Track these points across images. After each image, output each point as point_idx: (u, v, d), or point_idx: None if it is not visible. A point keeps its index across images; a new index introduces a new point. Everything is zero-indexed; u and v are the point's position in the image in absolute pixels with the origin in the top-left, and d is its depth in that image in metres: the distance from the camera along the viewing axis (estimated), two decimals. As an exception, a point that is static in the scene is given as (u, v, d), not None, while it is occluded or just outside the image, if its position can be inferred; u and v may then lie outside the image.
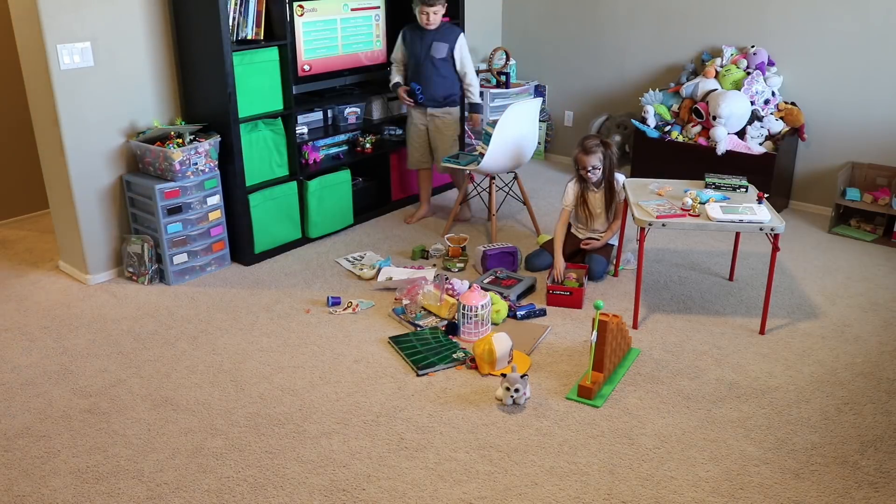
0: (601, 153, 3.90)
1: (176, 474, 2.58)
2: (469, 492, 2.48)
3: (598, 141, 3.93)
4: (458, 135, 4.76)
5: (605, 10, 5.62)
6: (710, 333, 3.47)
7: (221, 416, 2.88)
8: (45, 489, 2.51)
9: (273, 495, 2.47)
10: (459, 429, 2.80)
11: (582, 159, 3.92)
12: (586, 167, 3.91)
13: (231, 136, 3.97)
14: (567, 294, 3.70)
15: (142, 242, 3.93)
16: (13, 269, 4.21)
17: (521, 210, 5.02)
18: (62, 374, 3.18)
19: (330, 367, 3.21)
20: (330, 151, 4.77)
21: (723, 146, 4.70)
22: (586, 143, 3.92)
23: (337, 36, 4.55)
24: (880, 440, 2.73)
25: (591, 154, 3.89)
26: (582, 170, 3.94)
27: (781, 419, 2.84)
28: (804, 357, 3.28)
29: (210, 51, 3.86)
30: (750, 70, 4.87)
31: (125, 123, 3.93)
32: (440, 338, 3.40)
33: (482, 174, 4.57)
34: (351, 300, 3.76)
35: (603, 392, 2.99)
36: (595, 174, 3.93)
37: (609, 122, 5.55)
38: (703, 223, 3.32)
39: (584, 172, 3.94)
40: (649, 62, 5.50)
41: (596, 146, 3.90)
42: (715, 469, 2.58)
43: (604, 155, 3.91)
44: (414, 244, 4.47)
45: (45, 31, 3.54)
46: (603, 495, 2.46)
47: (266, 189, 4.19)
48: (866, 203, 4.53)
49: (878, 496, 2.46)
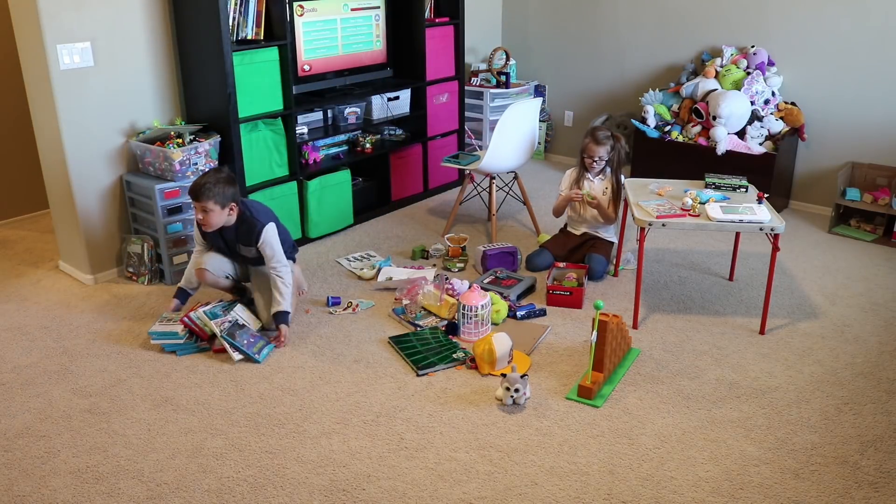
0: (610, 146, 3.96)
1: (176, 474, 2.58)
2: (469, 492, 2.48)
3: (610, 133, 3.99)
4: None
5: (605, 10, 5.62)
6: (710, 333, 3.47)
7: (221, 416, 2.88)
8: (45, 489, 2.51)
9: (273, 495, 2.47)
10: (459, 429, 2.80)
11: (591, 148, 3.97)
12: (593, 156, 3.97)
13: (231, 136, 3.97)
14: (567, 294, 3.70)
15: (142, 242, 3.93)
16: (13, 269, 4.21)
17: (521, 210, 5.02)
18: (62, 374, 3.18)
19: (330, 367, 3.21)
20: (330, 151, 4.77)
21: (723, 146, 4.70)
22: (598, 133, 3.98)
23: (337, 36, 4.55)
24: (880, 440, 2.73)
25: (600, 145, 3.95)
26: (587, 158, 3.99)
27: (781, 419, 2.84)
28: (804, 357, 3.28)
29: (210, 51, 3.86)
30: (750, 70, 4.87)
31: (125, 123, 3.93)
32: (440, 338, 3.40)
33: (482, 174, 4.57)
34: (351, 300, 3.76)
35: (603, 392, 2.99)
36: (599, 164, 3.98)
37: (609, 122, 5.55)
38: (703, 223, 3.32)
39: (588, 161, 3.99)
40: (649, 62, 5.50)
41: (607, 138, 3.96)
42: (715, 469, 2.58)
43: (612, 148, 3.97)
44: (414, 244, 4.47)
45: (45, 31, 3.54)
46: (603, 495, 2.46)
47: (266, 189, 4.19)
48: (866, 203, 4.53)
49: (878, 496, 2.46)
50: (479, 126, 5.92)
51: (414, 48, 5.01)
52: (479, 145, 5.87)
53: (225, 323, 3.28)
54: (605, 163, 4.00)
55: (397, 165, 5.01)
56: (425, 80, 5.05)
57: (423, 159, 5.18)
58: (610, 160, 4.01)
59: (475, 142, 5.91)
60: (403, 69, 5.10)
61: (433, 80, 5.11)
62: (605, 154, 3.96)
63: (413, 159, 5.12)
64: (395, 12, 4.95)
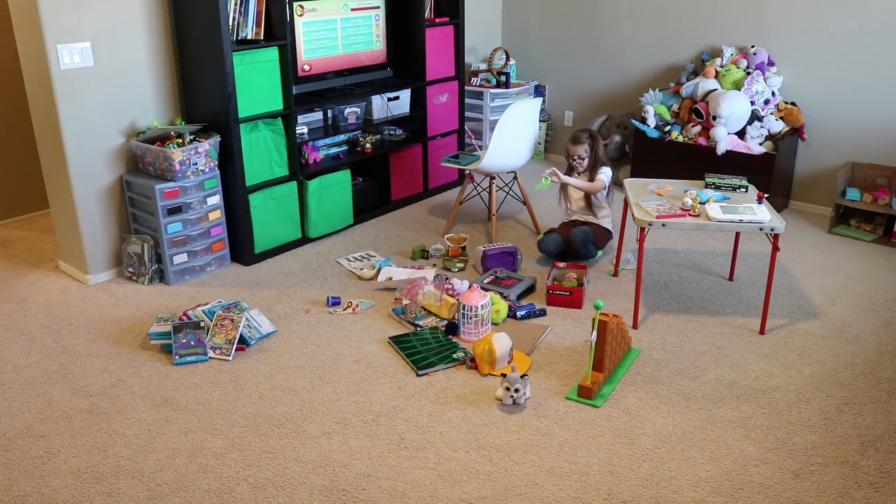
0: (588, 145, 4.14)
1: (176, 474, 2.58)
2: (469, 492, 2.48)
3: (588, 133, 4.18)
4: None
5: (605, 10, 5.62)
6: (710, 333, 3.47)
7: (221, 416, 2.88)
8: (45, 489, 2.51)
9: (273, 495, 2.47)
10: (459, 429, 2.80)
11: (569, 148, 4.20)
12: (573, 155, 4.17)
13: (231, 136, 3.97)
14: (567, 294, 3.70)
15: (142, 242, 3.93)
16: (13, 269, 4.21)
17: (521, 210, 5.02)
18: (62, 374, 3.18)
19: (330, 367, 3.21)
20: (330, 151, 4.77)
21: (723, 146, 4.70)
22: (575, 133, 4.22)
23: (337, 36, 4.55)
24: (880, 440, 2.73)
25: (577, 144, 4.15)
26: (568, 158, 4.21)
27: (781, 419, 2.84)
28: (804, 357, 3.28)
29: (210, 51, 3.86)
30: (750, 70, 4.87)
31: (125, 123, 3.93)
32: (440, 338, 3.40)
33: (482, 174, 4.57)
34: (351, 300, 3.76)
35: (603, 392, 2.99)
36: (581, 164, 4.16)
37: (609, 122, 5.55)
38: (703, 223, 3.32)
39: (570, 161, 4.20)
40: (649, 62, 5.50)
41: (585, 138, 4.15)
42: (715, 469, 2.58)
43: (590, 147, 4.14)
44: (414, 244, 4.47)
45: (45, 31, 3.54)
46: (603, 495, 2.46)
47: (266, 189, 4.19)
48: (866, 203, 4.53)
49: (878, 496, 2.46)
50: (479, 126, 5.92)
51: (414, 48, 5.01)
52: (479, 145, 5.87)
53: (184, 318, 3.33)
54: (586, 161, 4.16)
55: (397, 165, 5.01)
56: (425, 80, 5.05)
57: (423, 159, 5.19)
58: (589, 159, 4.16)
59: (475, 142, 5.91)
60: (403, 69, 5.10)
61: (433, 80, 5.11)
62: (583, 153, 4.13)
63: (413, 159, 5.12)
64: (395, 12, 4.95)
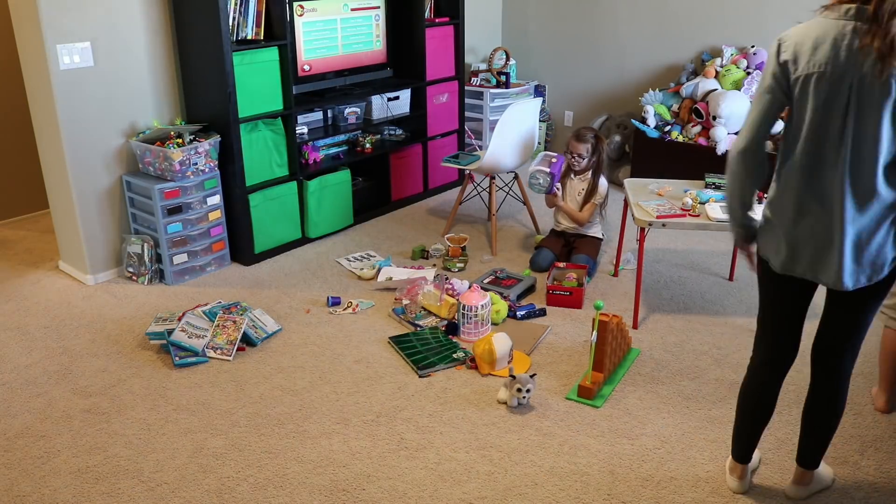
0: (591, 145, 4.06)
1: (176, 474, 2.58)
2: (469, 492, 2.48)
3: (594, 134, 4.10)
4: None
5: (605, 10, 5.62)
6: (710, 333, 3.47)
7: (221, 416, 2.88)
8: (45, 489, 2.51)
9: (273, 495, 2.47)
10: (459, 429, 2.80)
11: (571, 144, 4.10)
12: (573, 152, 4.08)
13: (231, 136, 3.97)
14: (567, 294, 3.70)
15: (142, 242, 3.93)
16: (13, 269, 4.21)
17: (521, 210, 5.02)
18: (62, 374, 3.18)
19: (330, 367, 3.21)
20: (330, 151, 4.77)
21: (723, 146, 4.70)
22: (581, 130, 4.13)
23: (337, 36, 4.55)
24: (880, 440, 2.73)
25: (580, 142, 4.06)
26: (569, 155, 4.11)
27: (781, 419, 2.84)
28: (804, 357, 3.27)
29: (210, 51, 3.86)
30: (750, 70, 4.87)
31: (125, 123, 3.93)
32: (440, 338, 3.40)
33: (482, 174, 4.57)
34: (351, 300, 3.76)
35: (603, 392, 2.99)
36: (579, 163, 4.07)
37: (609, 122, 5.55)
38: (703, 223, 3.32)
39: (570, 158, 4.10)
40: (649, 62, 5.50)
41: (590, 137, 4.07)
42: (715, 469, 2.58)
43: (593, 148, 4.06)
44: (414, 244, 4.47)
45: (45, 31, 3.54)
46: (603, 495, 2.46)
47: (266, 189, 4.19)
48: (866, 203, 4.53)
49: (878, 496, 2.46)
50: (479, 126, 5.92)
51: (414, 48, 5.01)
52: (479, 145, 5.88)
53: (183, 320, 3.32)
54: (586, 161, 4.07)
55: (397, 165, 5.01)
56: (425, 80, 5.05)
57: (423, 159, 5.19)
58: (592, 161, 4.08)
59: (475, 142, 5.91)
60: (403, 69, 5.10)
61: (433, 80, 5.11)
62: (584, 152, 4.05)
63: (413, 159, 5.12)
64: (395, 12, 4.95)
